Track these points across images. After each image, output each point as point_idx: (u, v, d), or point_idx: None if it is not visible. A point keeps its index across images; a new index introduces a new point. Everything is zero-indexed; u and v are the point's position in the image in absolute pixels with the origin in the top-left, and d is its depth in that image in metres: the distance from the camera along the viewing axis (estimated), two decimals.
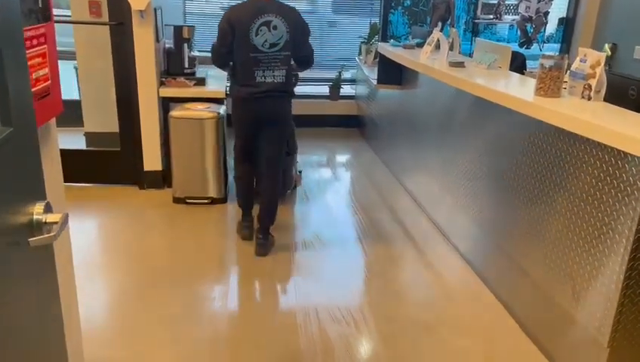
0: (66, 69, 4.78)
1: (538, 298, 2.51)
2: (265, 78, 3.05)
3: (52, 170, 1.64)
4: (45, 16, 1.52)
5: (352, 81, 6.09)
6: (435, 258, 3.36)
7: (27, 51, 1.28)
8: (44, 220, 1.16)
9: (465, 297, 2.95)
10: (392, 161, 4.72)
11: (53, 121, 1.65)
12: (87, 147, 4.67)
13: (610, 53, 5.11)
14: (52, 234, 1.16)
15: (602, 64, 2.24)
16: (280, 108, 3.17)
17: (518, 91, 2.59)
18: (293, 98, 3.25)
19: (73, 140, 4.79)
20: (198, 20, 5.84)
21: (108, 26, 3.87)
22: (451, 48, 3.80)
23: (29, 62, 1.33)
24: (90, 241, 3.44)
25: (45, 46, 1.50)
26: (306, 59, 3.25)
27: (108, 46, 3.92)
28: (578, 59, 2.36)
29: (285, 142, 3.41)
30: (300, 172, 4.71)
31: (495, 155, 2.89)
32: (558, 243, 2.33)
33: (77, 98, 4.71)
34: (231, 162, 3.98)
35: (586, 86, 2.30)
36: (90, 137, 4.73)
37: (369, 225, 3.77)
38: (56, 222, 1.19)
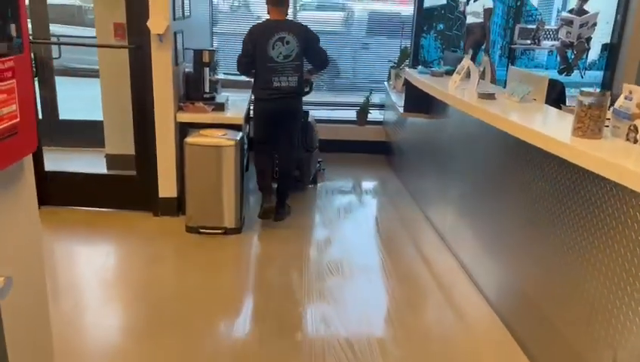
0: (94, 87, 4.77)
1: None
2: (280, 83, 3.73)
3: (22, 217, 1.48)
4: (17, 47, 1.38)
5: (381, 106, 5.87)
6: (458, 302, 3.08)
7: None
8: None
9: (489, 351, 2.66)
10: (419, 193, 4.46)
11: (28, 161, 1.51)
12: (107, 169, 4.60)
13: None
14: None
15: None
16: (292, 106, 3.87)
17: (553, 130, 2.33)
18: (302, 97, 3.97)
19: (94, 162, 4.74)
20: (225, 41, 5.76)
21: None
22: (483, 77, 3.56)
23: None
24: (96, 269, 3.31)
25: (13, 80, 1.35)
26: (321, 62, 3.94)
27: None
28: (622, 96, 2.09)
29: (296, 132, 4.07)
30: (324, 170, 4.68)
31: (528, 199, 2.61)
32: (598, 305, 2.04)
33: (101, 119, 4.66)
34: (250, 184, 4.09)
35: (632, 127, 2.03)
36: (110, 159, 4.66)
37: (390, 259, 3.54)
38: None
